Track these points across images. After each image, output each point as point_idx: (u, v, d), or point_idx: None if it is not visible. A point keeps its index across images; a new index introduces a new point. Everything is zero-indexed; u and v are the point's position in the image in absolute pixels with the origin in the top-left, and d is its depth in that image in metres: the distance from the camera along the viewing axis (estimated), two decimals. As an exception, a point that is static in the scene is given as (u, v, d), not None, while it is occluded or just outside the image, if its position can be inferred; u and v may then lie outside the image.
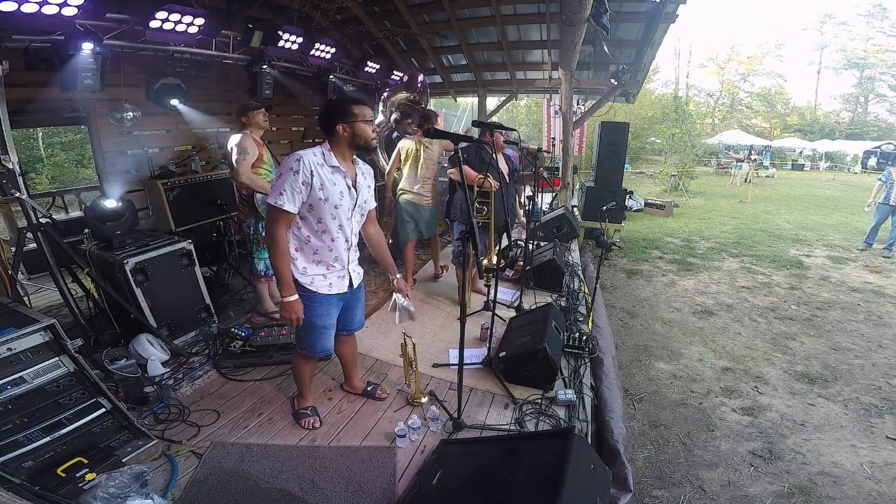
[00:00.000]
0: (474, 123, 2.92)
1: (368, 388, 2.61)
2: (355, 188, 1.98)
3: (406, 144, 3.90)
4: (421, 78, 6.36)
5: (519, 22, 6.08)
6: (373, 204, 2.15)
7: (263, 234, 3.19)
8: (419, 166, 3.86)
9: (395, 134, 4.83)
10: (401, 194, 3.93)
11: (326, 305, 2.06)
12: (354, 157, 2.02)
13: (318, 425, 2.35)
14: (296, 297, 1.92)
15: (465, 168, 3.14)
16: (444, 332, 3.39)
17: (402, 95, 5.82)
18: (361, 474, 2.00)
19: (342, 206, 1.92)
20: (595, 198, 6.44)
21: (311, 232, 1.95)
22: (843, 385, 3.50)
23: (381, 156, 5.46)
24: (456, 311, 3.60)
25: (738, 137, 23.57)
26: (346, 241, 2.02)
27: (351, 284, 2.14)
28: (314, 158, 1.84)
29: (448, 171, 3.58)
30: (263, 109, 3.21)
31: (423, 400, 2.47)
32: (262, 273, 3.39)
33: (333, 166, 1.89)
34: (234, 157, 3.09)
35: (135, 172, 4.34)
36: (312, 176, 1.82)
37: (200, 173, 4.43)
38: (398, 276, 2.31)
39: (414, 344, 2.40)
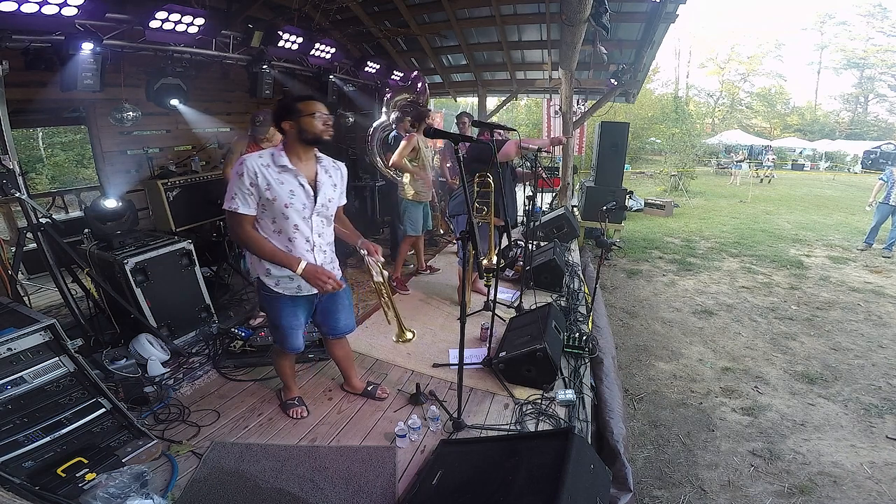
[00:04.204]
0: (474, 123, 2.92)
1: (368, 388, 2.62)
2: (313, 187, 1.93)
3: (421, 144, 3.92)
4: (415, 75, 6.38)
5: (519, 22, 6.08)
6: (342, 201, 2.10)
7: None
8: (425, 165, 3.98)
9: (394, 133, 4.83)
10: (410, 193, 3.99)
11: (292, 307, 2.07)
12: (318, 154, 1.99)
13: (305, 414, 2.38)
14: (305, 263, 1.89)
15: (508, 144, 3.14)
16: (444, 332, 3.39)
17: (403, 96, 5.84)
18: (361, 474, 2.00)
19: (293, 205, 1.88)
20: (595, 198, 6.44)
21: (269, 233, 1.93)
22: (843, 385, 3.49)
23: (376, 157, 5.46)
24: (456, 311, 3.60)
25: (738, 137, 23.58)
26: (307, 241, 1.96)
27: None
28: (258, 160, 1.85)
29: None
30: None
31: (409, 336, 2.14)
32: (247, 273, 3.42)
33: (282, 166, 1.86)
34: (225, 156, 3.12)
35: (135, 172, 4.34)
36: (257, 176, 1.82)
37: (200, 173, 4.43)
38: (361, 239, 2.16)
39: (385, 274, 2.12)
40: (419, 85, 6.23)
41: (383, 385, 2.66)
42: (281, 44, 4.61)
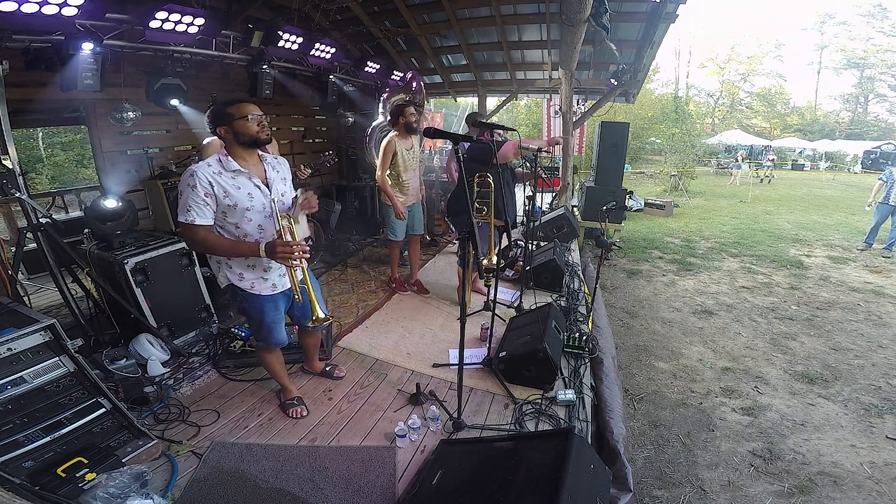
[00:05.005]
0: (475, 123, 2.91)
1: (327, 368, 2.75)
2: (267, 185, 1.97)
3: (400, 146, 3.70)
4: (409, 74, 6.38)
5: (519, 22, 6.07)
6: (292, 194, 2.11)
7: None
8: (416, 166, 3.88)
9: (391, 133, 4.81)
10: (401, 200, 3.82)
11: (273, 302, 2.11)
12: (260, 153, 2.01)
13: (305, 414, 2.40)
14: (264, 243, 1.83)
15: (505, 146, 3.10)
16: (444, 332, 3.39)
17: (400, 96, 5.84)
18: (361, 474, 2.00)
19: (254, 207, 1.91)
20: (595, 198, 6.44)
21: (235, 239, 1.94)
22: (843, 385, 3.49)
23: (375, 159, 5.45)
24: (456, 311, 3.60)
25: (738, 137, 23.57)
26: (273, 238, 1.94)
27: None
28: (208, 169, 1.85)
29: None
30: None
31: (320, 314, 1.98)
32: None
33: (234, 170, 1.88)
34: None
35: (135, 172, 4.33)
36: (213, 186, 1.83)
37: (200, 173, 4.43)
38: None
39: (306, 231, 2.02)
40: (414, 84, 6.24)
41: (340, 366, 2.80)
42: (281, 44, 4.61)
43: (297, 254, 1.80)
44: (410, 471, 2.04)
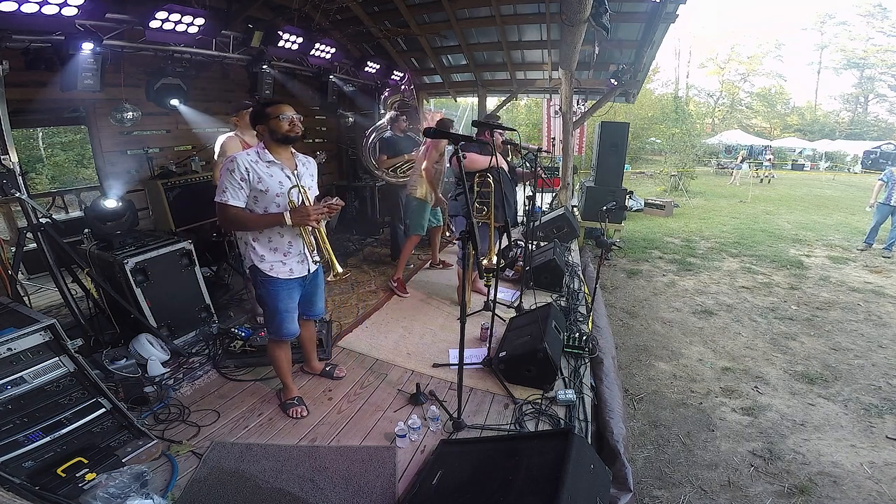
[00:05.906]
0: (474, 123, 2.91)
1: (327, 368, 2.78)
2: (297, 177, 2.15)
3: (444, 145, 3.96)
4: (400, 76, 6.42)
5: (519, 22, 6.07)
6: (316, 192, 2.28)
7: None
8: (443, 169, 4.04)
9: (388, 134, 4.83)
10: (420, 192, 4.03)
11: (288, 290, 2.21)
12: (293, 150, 2.21)
13: (305, 413, 2.42)
14: (288, 212, 2.02)
15: (474, 155, 3.19)
16: (444, 332, 3.39)
17: (395, 97, 5.89)
18: (361, 474, 2.00)
19: (284, 193, 2.08)
20: (595, 198, 6.44)
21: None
22: (843, 385, 3.49)
23: (369, 159, 5.45)
24: (456, 311, 3.60)
25: (738, 137, 23.57)
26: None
27: (310, 268, 2.27)
28: (247, 157, 2.05)
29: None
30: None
31: (339, 269, 2.10)
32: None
33: (269, 161, 2.08)
34: (215, 158, 3.10)
35: (135, 172, 4.33)
36: (248, 172, 2.02)
37: (200, 173, 4.43)
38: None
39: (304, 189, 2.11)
40: (402, 86, 6.31)
41: (340, 366, 2.84)
42: (281, 44, 4.61)
43: (322, 215, 2.04)
44: (410, 471, 2.04)
